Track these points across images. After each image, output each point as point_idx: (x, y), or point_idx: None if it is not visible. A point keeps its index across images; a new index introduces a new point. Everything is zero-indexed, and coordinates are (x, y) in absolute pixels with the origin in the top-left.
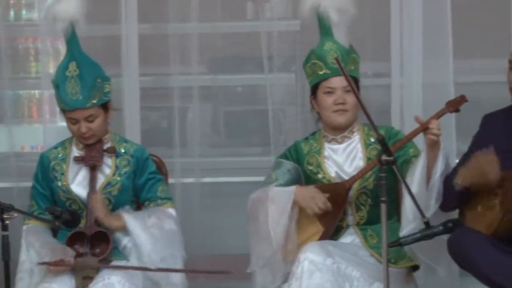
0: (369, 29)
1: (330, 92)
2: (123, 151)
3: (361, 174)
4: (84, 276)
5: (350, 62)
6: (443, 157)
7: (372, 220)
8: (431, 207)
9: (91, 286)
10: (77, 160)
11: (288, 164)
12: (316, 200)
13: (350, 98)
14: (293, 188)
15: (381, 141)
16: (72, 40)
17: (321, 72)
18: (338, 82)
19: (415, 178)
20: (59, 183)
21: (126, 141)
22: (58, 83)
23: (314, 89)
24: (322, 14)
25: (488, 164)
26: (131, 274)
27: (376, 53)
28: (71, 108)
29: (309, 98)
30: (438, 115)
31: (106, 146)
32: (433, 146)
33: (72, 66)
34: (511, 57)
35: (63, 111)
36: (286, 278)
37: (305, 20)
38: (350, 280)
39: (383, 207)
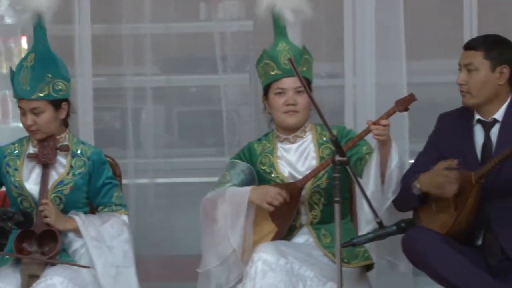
0: (323, 30)
1: (281, 92)
2: (79, 152)
3: (313, 173)
4: (30, 274)
5: (303, 63)
6: (395, 151)
7: (325, 219)
8: (389, 200)
9: (34, 286)
10: (30, 157)
11: (242, 165)
12: (270, 193)
13: (301, 99)
14: (248, 188)
15: (335, 141)
16: (38, 32)
17: (272, 73)
18: (289, 83)
19: (370, 176)
20: (12, 179)
21: (83, 143)
22: (16, 71)
23: (266, 90)
24: (277, 14)
25: (447, 180)
26: (77, 275)
27: (330, 54)
28: (18, 96)
29: (262, 98)
30: (388, 114)
31: (60, 145)
32: (384, 143)
33: (31, 57)
34: (461, 60)
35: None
36: (240, 278)
37: (259, 20)
38: (303, 280)
39: (337, 207)
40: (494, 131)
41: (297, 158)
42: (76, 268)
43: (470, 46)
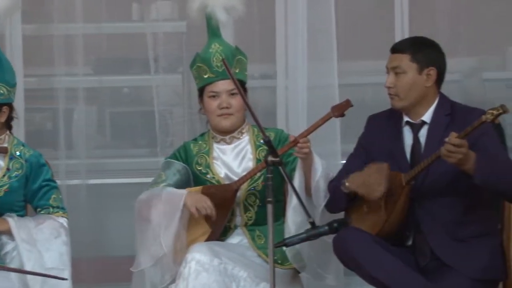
0: (256, 30)
1: (214, 96)
2: (18, 154)
3: (249, 176)
4: None
5: (236, 65)
6: (318, 162)
7: (260, 221)
8: (320, 206)
9: None
10: None
11: (178, 165)
12: (202, 203)
13: (235, 101)
14: (184, 191)
15: (268, 142)
16: None
17: (205, 76)
18: (222, 86)
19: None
20: None
21: (24, 145)
22: None
23: (201, 92)
24: (210, 14)
25: (376, 182)
26: (3, 278)
27: (263, 54)
28: None
29: (196, 99)
30: (324, 120)
31: None
32: (305, 158)
33: None
34: (388, 63)
35: None
36: (174, 278)
37: (192, 21)
38: (236, 280)
39: (269, 207)
40: (423, 133)
41: (233, 159)
42: (3, 272)
43: (397, 49)
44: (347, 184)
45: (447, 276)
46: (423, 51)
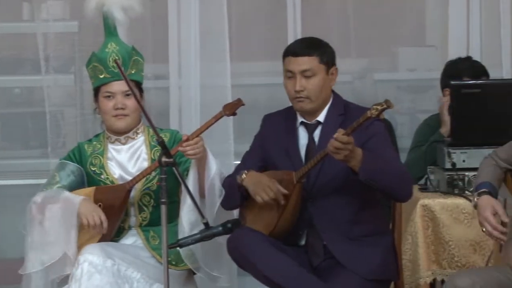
0: (149, 30)
1: (109, 96)
2: None
3: (142, 175)
4: None
5: (132, 65)
6: (212, 161)
7: (154, 221)
8: (216, 204)
9: None
10: None
11: (72, 166)
12: (94, 215)
13: (130, 102)
14: (79, 199)
15: (161, 143)
16: None
17: (101, 76)
18: (117, 86)
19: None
20: None
21: None
22: None
23: (97, 92)
24: (107, 13)
25: (268, 186)
26: None
27: (156, 55)
28: None
29: (88, 99)
30: (216, 119)
31: None
32: (199, 159)
33: None
34: (292, 67)
35: None
36: (66, 280)
37: (84, 21)
38: (130, 282)
39: (163, 208)
40: (317, 133)
41: (128, 159)
42: None
43: (302, 52)
44: (243, 176)
45: (340, 276)
46: (327, 51)
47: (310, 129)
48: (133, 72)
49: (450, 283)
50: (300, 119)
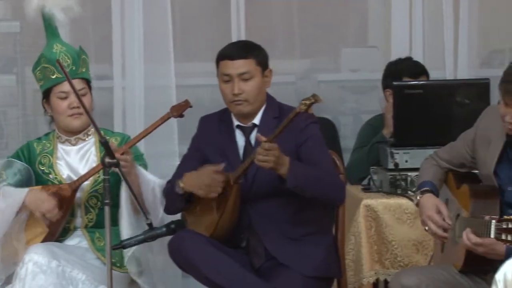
0: (91, 30)
1: (63, 97)
2: None
3: (87, 176)
4: None
5: (82, 64)
6: (147, 173)
7: (100, 223)
8: (160, 209)
9: None
10: None
11: (19, 164)
12: (45, 206)
13: (85, 100)
14: (25, 190)
15: (104, 143)
16: None
17: (53, 77)
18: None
19: (123, 208)
20: None
21: None
22: None
23: (47, 93)
24: (48, 14)
25: (214, 181)
26: None
27: (99, 55)
28: None
29: (31, 101)
30: (163, 120)
31: None
32: (129, 173)
33: None
34: (229, 70)
35: None
36: (10, 279)
37: (25, 21)
38: (74, 283)
39: (107, 209)
40: (254, 136)
41: (78, 160)
42: None
43: (238, 55)
44: (181, 185)
45: (282, 275)
46: (261, 53)
47: (247, 132)
48: (83, 70)
49: (395, 282)
50: (236, 122)
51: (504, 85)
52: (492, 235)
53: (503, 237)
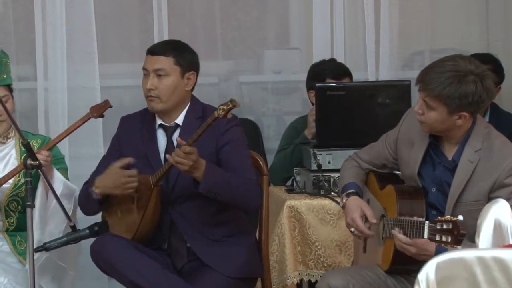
0: (12, 31)
1: None
2: None
3: (7, 178)
4: None
5: (4, 70)
6: (58, 180)
7: (21, 226)
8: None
9: None
10: None
11: None
12: None
13: (8, 106)
14: None
15: (27, 145)
16: None
17: None
18: None
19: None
20: None
21: None
22: None
23: None
24: None
25: (123, 178)
26: None
27: (21, 56)
28: None
29: None
30: (83, 120)
31: None
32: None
33: None
34: (148, 65)
35: None
36: None
37: None
38: None
39: (29, 211)
40: (176, 136)
41: None
42: None
43: (159, 51)
44: (96, 190)
45: (205, 276)
46: (185, 55)
47: (169, 132)
48: (4, 77)
49: (323, 282)
50: (158, 121)
51: (419, 74)
52: (426, 236)
53: (437, 238)
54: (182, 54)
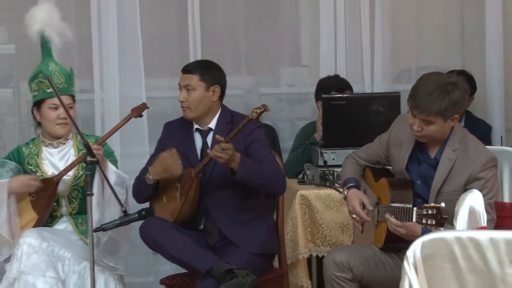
0: (76, 52)
1: (54, 108)
2: None
3: (67, 169)
4: None
5: (72, 83)
6: (112, 171)
7: (82, 210)
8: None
9: None
10: None
11: (11, 164)
12: (25, 182)
13: (71, 113)
14: (6, 180)
15: (86, 145)
16: None
17: (48, 90)
18: (62, 100)
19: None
20: None
21: None
22: None
23: (39, 103)
24: (47, 37)
25: (170, 160)
26: None
27: (81, 72)
28: None
29: (25, 110)
30: (125, 120)
31: None
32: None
33: None
34: (180, 81)
35: None
36: (8, 257)
37: (20, 44)
38: (62, 260)
39: (89, 199)
40: (209, 138)
41: (59, 160)
42: None
43: (188, 70)
44: (150, 176)
45: (232, 252)
46: (209, 72)
47: (204, 134)
48: (72, 88)
49: (329, 258)
50: (195, 125)
51: (411, 100)
52: (414, 220)
53: (423, 221)
54: (207, 72)
